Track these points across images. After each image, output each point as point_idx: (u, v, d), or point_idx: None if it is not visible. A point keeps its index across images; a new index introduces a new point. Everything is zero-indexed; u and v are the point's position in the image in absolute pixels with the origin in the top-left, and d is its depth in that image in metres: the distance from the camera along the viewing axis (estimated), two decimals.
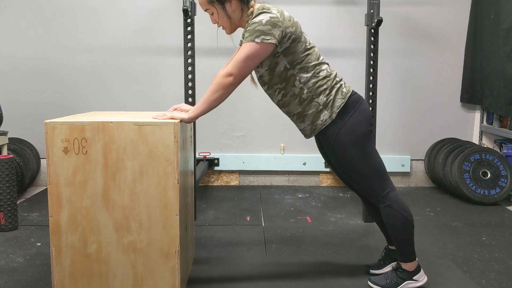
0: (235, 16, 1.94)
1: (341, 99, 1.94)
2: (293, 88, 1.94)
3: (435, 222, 3.14)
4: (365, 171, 1.96)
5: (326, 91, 1.93)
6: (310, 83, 1.93)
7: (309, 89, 1.93)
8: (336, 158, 1.98)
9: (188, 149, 2.24)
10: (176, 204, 1.84)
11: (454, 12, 4.08)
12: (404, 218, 1.99)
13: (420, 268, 2.08)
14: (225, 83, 1.84)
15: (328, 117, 1.93)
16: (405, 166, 4.19)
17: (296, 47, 1.89)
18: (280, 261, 2.45)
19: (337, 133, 1.93)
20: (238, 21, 1.96)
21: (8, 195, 2.85)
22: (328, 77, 1.95)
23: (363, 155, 1.94)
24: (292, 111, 1.99)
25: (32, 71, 4.05)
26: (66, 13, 4.00)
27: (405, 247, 2.02)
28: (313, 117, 1.95)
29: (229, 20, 1.96)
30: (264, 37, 1.81)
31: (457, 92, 4.20)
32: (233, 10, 1.93)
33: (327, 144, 1.98)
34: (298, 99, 1.95)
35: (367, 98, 3.12)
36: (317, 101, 1.94)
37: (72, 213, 1.85)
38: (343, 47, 4.08)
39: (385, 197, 1.99)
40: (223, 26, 1.99)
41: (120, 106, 4.08)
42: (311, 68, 1.93)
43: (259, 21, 1.82)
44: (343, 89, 1.97)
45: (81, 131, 1.81)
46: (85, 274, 1.88)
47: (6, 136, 3.30)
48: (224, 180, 4.24)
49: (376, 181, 1.97)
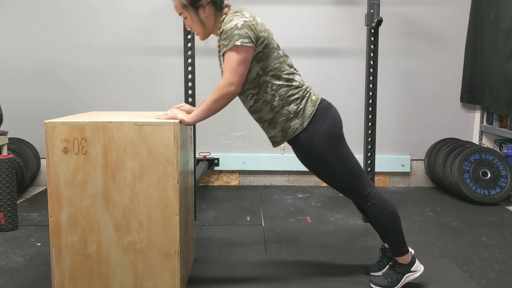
0: (208, 22, 1.95)
1: (311, 107, 1.96)
2: (265, 94, 1.95)
3: (435, 222, 3.14)
4: (344, 174, 1.99)
5: (297, 101, 1.95)
6: (282, 90, 1.94)
7: (281, 97, 1.94)
8: (314, 165, 2.01)
9: (188, 149, 2.24)
10: (176, 204, 1.84)
11: (454, 12, 4.08)
12: (390, 212, 2.03)
13: (415, 258, 2.12)
14: (228, 93, 1.84)
15: (299, 125, 1.95)
16: (405, 166, 4.19)
17: (268, 53, 1.91)
18: (280, 261, 2.45)
19: (311, 141, 1.95)
20: (211, 27, 1.97)
21: (8, 195, 2.85)
22: (300, 87, 1.97)
23: (340, 159, 1.97)
24: (263, 117, 2.00)
25: (32, 71, 4.05)
26: (66, 13, 3.99)
27: (397, 241, 2.06)
28: (284, 124, 1.97)
29: (202, 26, 1.96)
30: (243, 40, 1.82)
31: (457, 92, 4.19)
32: (206, 15, 1.93)
33: (301, 152, 2.00)
34: (270, 106, 1.96)
35: (367, 98, 3.12)
36: (287, 110, 1.95)
37: (72, 213, 1.85)
38: (343, 47, 4.08)
39: (368, 196, 2.03)
40: (196, 31, 1.99)
41: (120, 106, 4.08)
42: (283, 76, 1.94)
43: (234, 25, 1.83)
44: (312, 97, 1.99)
45: (81, 131, 1.81)
46: (85, 274, 1.88)
47: (6, 136, 3.30)
48: (224, 180, 4.24)
49: (356, 182, 2.01)
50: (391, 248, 2.10)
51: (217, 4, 1.93)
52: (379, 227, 2.07)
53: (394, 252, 2.09)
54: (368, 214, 2.07)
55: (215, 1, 1.92)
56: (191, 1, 1.91)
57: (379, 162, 3.94)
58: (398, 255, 2.08)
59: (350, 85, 4.10)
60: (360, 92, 3.98)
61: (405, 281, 2.08)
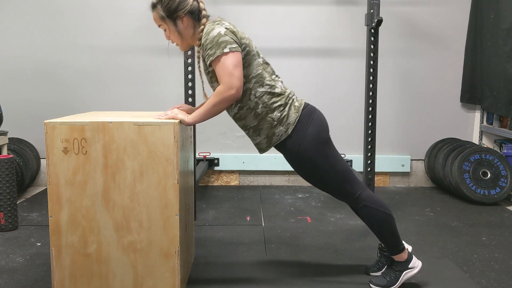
0: (186, 33, 1.96)
1: (295, 113, 1.97)
2: (249, 101, 1.95)
3: (435, 222, 3.14)
4: (333, 178, 2.00)
5: (280, 107, 1.96)
6: (265, 98, 1.95)
7: (264, 104, 1.95)
8: (302, 170, 2.03)
9: (188, 149, 2.24)
10: (176, 204, 1.84)
11: (454, 12, 4.08)
12: (383, 213, 2.04)
13: (412, 255, 2.13)
14: (229, 97, 1.84)
15: (284, 132, 1.96)
16: (405, 166, 4.19)
17: (250, 60, 1.92)
18: (280, 261, 2.45)
19: (298, 146, 1.95)
20: (190, 38, 1.98)
21: (8, 195, 2.85)
22: (282, 94, 1.98)
23: (328, 162, 1.98)
24: (248, 125, 2.01)
25: (32, 71, 4.05)
26: (66, 13, 3.99)
27: (392, 240, 2.07)
28: (268, 131, 1.98)
29: (180, 37, 1.97)
30: (231, 46, 1.83)
31: (457, 92, 4.19)
32: (185, 27, 1.94)
33: (290, 157, 2.02)
34: (254, 113, 1.97)
35: (367, 98, 3.12)
36: (271, 117, 1.96)
37: (72, 213, 1.85)
38: (343, 47, 4.08)
39: (359, 198, 2.03)
40: (176, 43, 2.01)
41: (120, 106, 4.08)
42: (266, 83, 1.95)
43: (218, 33, 1.84)
44: (295, 103, 1.99)
45: (81, 131, 1.81)
46: (85, 274, 1.88)
47: (6, 136, 3.30)
48: (224, 180, 4.24)
49: (346, 185, 2.02)
50: (387, 248, 2.11)
51: (195, 14, 1.94)
52: (373, 228, 2.09)
53: (390, 251, 2.10)
54: (361, 216, 2.09)
55: (192, 11, 1.94)
56: (168, 12, 1.93)
57: (379, 162, 3.94)
58: (395, 254, 2.09)
59: (350, 85, 4.10)
60: (360, 92, 3.98)
61: (404, 278, 2.09)
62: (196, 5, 1.95)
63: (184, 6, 1.92)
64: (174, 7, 1.92)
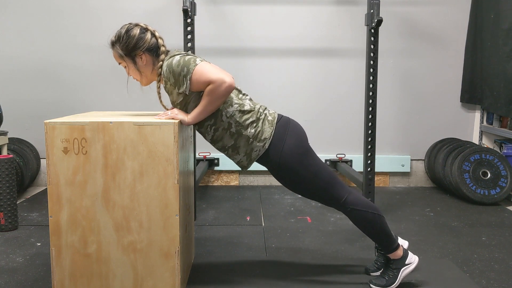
0: (146, 70, 1.98)
1: (270, 127, 1.98)
2: (222, 122, 1.97)
3: (435, 222, 3.14)
4: (317, 186, 2.01)
5: (253, 124, 1.97)
6: (236, 116, 1.96)
7: (236, 123, 1.96)
8: (287, 182, 2.05)
9: (188, 149, 2.24)
10: (176, 204, 1.84)
11: (454, 12, 4.08)
12: (371, 214, 2.05)
13: (407, 251, 2.13)
14: (224, 90, 1.83)
15: (262, 147, 1.97)
16: (405, 166, 4.19)
17: None
18: (280, 261, 2.45)
19: (279, 160, 1.97)
20: (150, 74, 2.00)
21: (8, 195, 2.85)
22: (252, 110, 1.99)
23: (310, 172, 1.99)
24: (226, 145, 2.01)
25: (32, 71, 4.05)
26: (66, 13, 3.99)
27: (385, 240, 2.08)
28: (246, 148, 1.99)
29: (140, 74, 2.00)
30: (198, 59, 1.87)
31: (457, 92, 4.19)
32: (144, 64, 1.97)
33: (272, 170, 2.04)
34: (229, 132, 1.98)
35: (367, 98, 3.12)
36: (246, 134, 1.97)
37: (72, 213, 1.85)
38: (343, 47, 4.08)
39: (346, 202, 2.04)
40: (137, 79, 2.04)
41: (120, 106, 4.08)
42: (234, 102, 1.96)
43: (180, 58, 1.87)
44: (268, 118, 2.00)
45: (81, 131, 1.81)
46: (85, 274, 1.88)
47: (6, 136, 3.30)
48: (224, 180, 4.24)
49: (331, 191, 2.03)
50: (381, 247, 2.13)
51: (153, 51, 1.96)
52: (364, 230, 2.10)
53: (385, 250, 2.11)
54: (351, 219, 2.10)
55: (151, 49, 1.96)
56: (127, 51, 1.96)
57: (379, 162, 3.93)
58: (390, 252, 2.10)
59: (350, 85, 4.09)
60: (360, 92, 3.98)
61: (402, 275, 2.10)
62: (154, 42, 1.96)
63: (142, 44, 1.94)
64: (132, 45, 1.95)
